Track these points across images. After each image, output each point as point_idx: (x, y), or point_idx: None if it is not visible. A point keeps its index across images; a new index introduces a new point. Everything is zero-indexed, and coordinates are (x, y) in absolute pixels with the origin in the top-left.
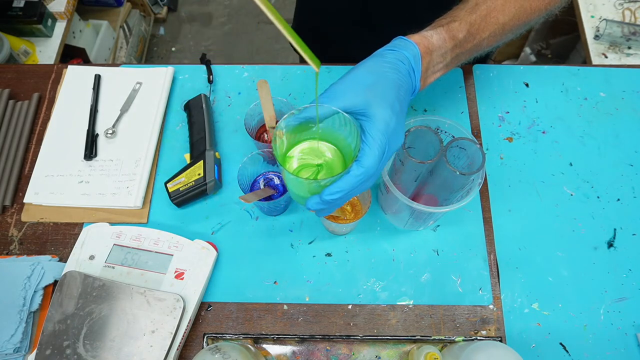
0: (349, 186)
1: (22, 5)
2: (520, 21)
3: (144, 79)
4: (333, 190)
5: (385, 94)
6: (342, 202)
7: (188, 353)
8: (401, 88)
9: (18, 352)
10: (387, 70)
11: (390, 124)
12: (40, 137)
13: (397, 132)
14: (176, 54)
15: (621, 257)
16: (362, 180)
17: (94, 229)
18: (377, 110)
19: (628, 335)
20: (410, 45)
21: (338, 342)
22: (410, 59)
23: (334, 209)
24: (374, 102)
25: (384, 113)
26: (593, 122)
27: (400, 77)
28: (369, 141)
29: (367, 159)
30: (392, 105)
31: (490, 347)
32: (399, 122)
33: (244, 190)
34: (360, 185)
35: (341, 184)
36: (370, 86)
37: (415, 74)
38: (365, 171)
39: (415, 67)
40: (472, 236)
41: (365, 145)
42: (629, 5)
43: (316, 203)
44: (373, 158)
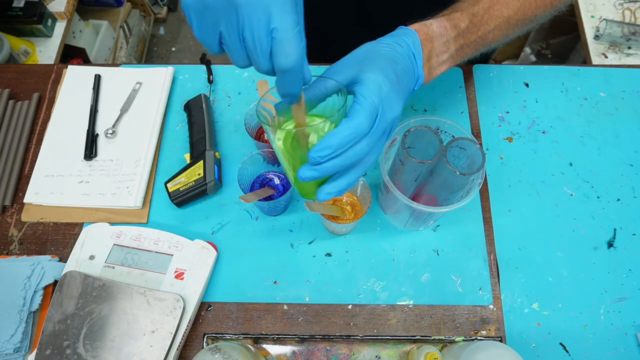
0: (338, 140)
1: (22, 5)
2: (526, 15)
3: (144, 79)
4: (321, 146)
5: (378, 63)
6: (335, 166)
7: (188, 353)
8: (397, 64)
9: (18, 352)
10: (382, 48)
11: (382, 87)
12: (40, 137)
13: (391, 100)
14: (176, 54)
15: (621, 257)
16: (352, 136)
17: (94, 229)
18: (369, 74)
19: (628, 335)
20: (409, 31)
21: (338, 342)
22: (409, 43)
23: (326, 174)
24: (366, 69)
25: (376, 76)
26: (593, 122)
27: (397, 55)
28: (359, 99)
29: (357, 115)
30: (386, 72)
31: (490, 347)
32: (394, 92)
33: (244, 190)
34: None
35: (329, 139)
36: (363, 60)
37: (416, 59)
38: (355, 126)
39: (416, 52)
40: (472, 236)
41: (356, 104)
42: (629, 5)
43: (307, 169)
44: (363, 114)
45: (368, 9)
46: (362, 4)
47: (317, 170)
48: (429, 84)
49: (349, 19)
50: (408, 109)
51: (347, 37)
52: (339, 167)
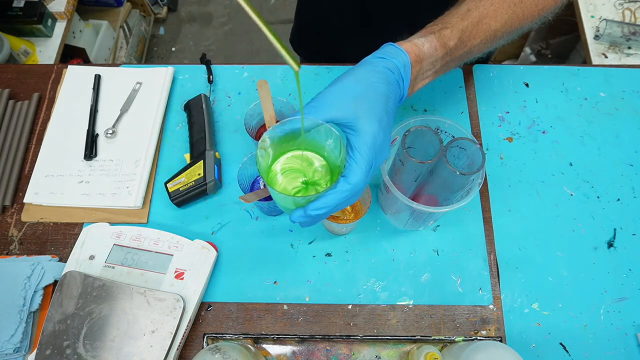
0: (334, 202)
1: (22, 5)
2: (513, 27)
3: (144, 79)
4: (318, 206)
5: (373, 106)
6: (327, 216)
7: (188, 353)
8: (389, 99)
9: (18, 352)
10: (376, 81)
11: (378, 139)
12: (40, 137)
13: (384, 146)
14: (176, 54)
15: (621, 257)
16: (348, 196)
17: (94, 229)
18: (365, 125)
19: (628, 335)
20: (401, 53)
21: (338, 342)
22: (400, 68)
23: (318, 221)
24: (361, 115)
25: (372, 127)
26: (593, 122)
27: (389, 88)
28: (356, 157)
29: (355, 175)
30: (380, 118)
31: (490, 347)
32: (386, 136)
33: (244, 190)
34: (346, 201)
35: (327, 200)
36: (358, 97)
37: (404, 83)
38: (352, 187)
39: (405, 76)
40: (472, 236)
41: (352, 161)
42: (629, 5)
43: (300, 216)
44: (360, 174)
45: (369, 9)
46: (363, 4)
47: (309, 219)
48: (428, 85)
49: (349, 19)
50: (408, 108)
51: (347, 37)
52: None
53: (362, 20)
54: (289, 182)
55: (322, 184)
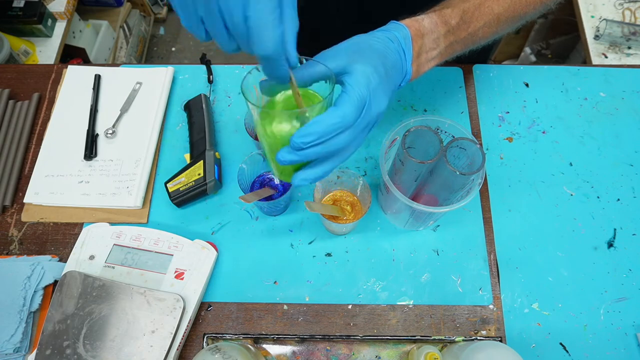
0: (322, 128)
1: (22, 5)
2: (516, 13)
3: (144, 79)
4: (304, 132)
5: (369, 56)
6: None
7: (188, 353)
8: (387, 59)
9: (18, 352)
10: (374, 42)
11: (371, 80)
12: (40, 137)
13: (378, 93)
14: (176, 54)
15: (621, 257)
16: (337, 125)
17: (94, 229)
18: (359, 66)
19: (628, 335)
20: (400, 26)
21: (338, 342)
22: (400, 39)
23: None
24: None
25: (366, 68)
26: (593, 122)
27: (387, 51)
28: (347, 89)
29: (344, 105)
30: (376, 65)
31: (490, 347)
32: (383, 85)
33: (244, 190)
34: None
35: (314, 126)
36: (354, 52)
37: (405, 56)
38: (341, 116)
39: (406, 48)
40: (472, 236)
41: (344, 94)
42: (629, 5)
43: (287, 152)
44: (351, 105)
45: (368, 8)
46: (362, 3)
47: (297, 155)
48: (428, 84)
49: (349, 18)
50: (408, 108)
51: (346, 36)
52: (319, 154)
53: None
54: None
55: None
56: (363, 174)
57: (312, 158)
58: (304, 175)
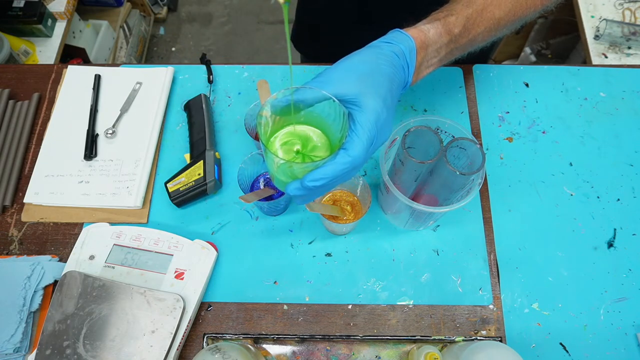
0: (333, 173)
1: (22, 5)
2: (516, 16)
3: (144, 79)
4: (316, 177)
5: (378, 85)
6: (324, 190)
7: (188, 353)
8: (394, 82)
9: (18, 352)
10: (382, 63)
11: (381, 116)
12: (40, 137)
13: (386, 125)
14: (176, 54)
15: (621, 257)
16: (347, 169)
17: (94, 229)
18: (369, 101)
19: (628, 335)
20: (407, 39)
21: (338, 342)
22: (406, 53)
23: (315, 197)
24: (366, 92)
25: (376, 104)
26: (593, 122)
27: (394, 71)
28: (358, 130)
29: (355, 148)
30: (385, 97)
31: (490, 347)
32: (389, 115)
33: (244, 190)
34: (344, 175)
35: (325, 171)
36: (363, 75)
37: (409, 69)
38: (352, 160)
39: (410, 61)
40: (472, 236)
41: (354, 134)
42: (629, 5)
43: (296, 189)
44: (361, 148)
45: (368, 7)
46: (363, 3)
47: (306, 191)
48: (428, 84)
49: (349, 17)
50: (408, 108)
51: (346, 36)
52: (326, 191)
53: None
54: (287, 154)
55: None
56: (363, 174)
57: (319, 194)
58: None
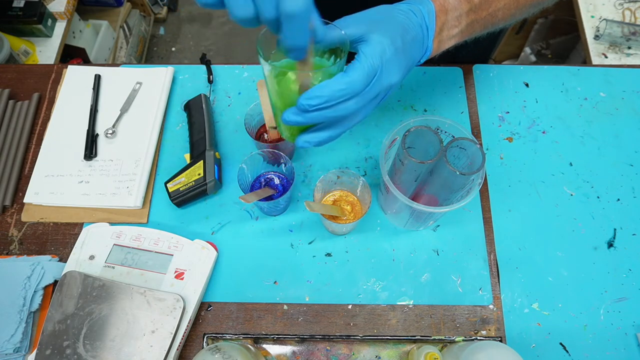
0: (329, 93)
1: (22, 5)
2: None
3: (144, 79)
4: (311, 95)
5: (388, 28)
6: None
7: (188, 353)
8: (408, 32)
9: (18, 352)
10: (397, 14)
11: (386, 51)
12: (40, 137)
13: (392, 65)
14: (176, 54)
15: (621, 257)
16: (344, 91)
17: (94, 229)
18: (375, 36)
19: (628, 335)
20: (425, 0)
21: (338, 342)
22: (424, 13)
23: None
24: (375, 30)
25: (383, 39)
26: (593, 122)
27: (409, 23)
28: (360, 57)
29: (354, 72)
30: (394, 38)
31: (490, 347)
32: (398, 58)
33: (244, 190)
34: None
35: (321, 89)
36: (375, 21)
37: (428, 31)
38: (349, 81)
39: (429, 23)
40: (472, 236)
41: (355, 61)
42: (629, 5)
43: (293, 113)
44: (361, 72)
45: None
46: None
47: (302, 117)
48: (428, 84)
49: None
50: (408, 108)
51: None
52: (325, 118)
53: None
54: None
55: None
56: (363, 174)
57: (316, 121)
58: (307, 137)
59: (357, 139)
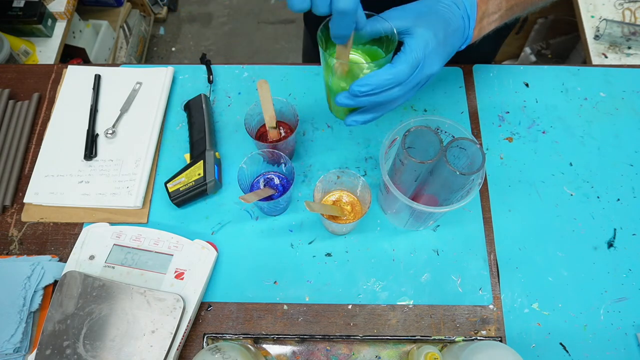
0: (377, 81)
1: (22, 5)
2: None
3: (144, 79)
4: (362, 82)
5: (432, 21)
6: (367, 102)
7: (188, 353)
8: (450, 24)
9: (18, 352)
10: (440, 8)
11: (429, 43)
12: (40, 137)
13: (434, 56)
14: (176, 54)
15: (621, 257)
16: (390, 81)
17: (94, 229)
18: (420, 30)
19: (628, 335)
20: None
21: (338, 342)
22: (467, 5)
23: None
24: (419, 24)
25: (426, 33)
26: (593, 122)
27: (452, 17)
28: (405, 49)
29: (400, 64)
30: (436, 31)
31: (490, 347)
32: (439, 50)
33: (244, 190)
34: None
35: (371, 78)
36: (420, 14)
37: (470, 21)
38: (395, 72)
39: (471, 13)
40: (472, 236)
41: (401, 53)
42: (629, 5)
43: (345, 97)
44: (406, 64)
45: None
46: None
47: (353, 100)
48: (428, 84)
49: None
50: (408, 108)
51: None
52: (372, 103)
53: None
54: None
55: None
56: (363, 174)
57: (364, 105)
58: (355, 117)
59: (357, 139)
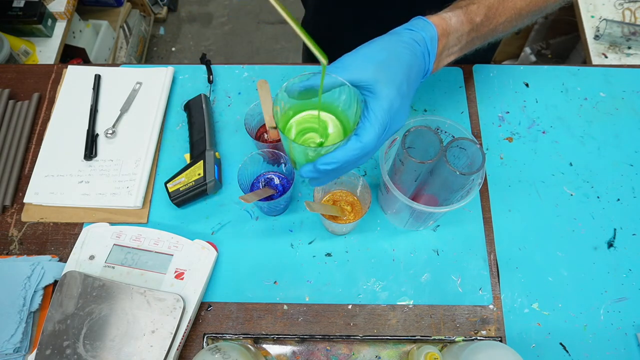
0: (344, 158)
1: (22, 5)
2: (537, 6)
3: (144, 79)
4: (328, 160)
5: (395, 73)
6: (335, 174)
7: (188, 353)
8: (412, 70)
9: (18, 352)
10: (402, 51)
11: (394, 104)
12: (40, 137)
13: (400, 114)
14: (176, 54)
15: (621, 257)
16: (358, 155)
17: (94, 229)
18: (384, 88)
19: (628, 335)
20: (429, 26)
21: (338, 342)
22: (427, 40)
23: (327, 180)
24: (381, 79)
25: (390, 92)
26: (593, 122)
27: (414, 59)
28: (370, 117)
29: (367, 135)
30: (400, 86)
31: (490, 347)
32: (404, 104)
33: (244, 190)
34: (356, 160)
35: (337, 155)
36: (380, 63)
37: (430, 57)
38: (362, 146)
39: (431, 49)
40: (472, 236)
41: (366, 121)
42: (629, 5)
43: (309, 171)
44: (373, 134)
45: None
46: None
47: (318, 174)
48: (428, 84)
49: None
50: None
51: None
52: (338, 175)
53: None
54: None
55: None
56: (363, 174)
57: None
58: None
59: None
